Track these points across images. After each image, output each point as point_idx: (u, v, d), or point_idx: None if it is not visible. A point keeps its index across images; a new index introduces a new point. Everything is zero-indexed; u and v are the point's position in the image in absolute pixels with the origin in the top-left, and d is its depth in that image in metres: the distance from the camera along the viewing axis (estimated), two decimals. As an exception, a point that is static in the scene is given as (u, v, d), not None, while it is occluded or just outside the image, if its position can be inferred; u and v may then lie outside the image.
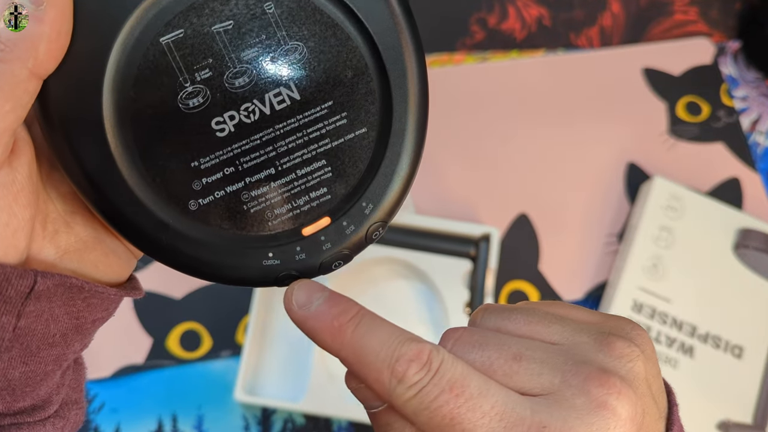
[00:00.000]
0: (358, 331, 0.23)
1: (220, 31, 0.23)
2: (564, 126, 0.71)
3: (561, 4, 0.76)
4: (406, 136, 0.24)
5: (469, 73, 0.72)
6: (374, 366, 0.22)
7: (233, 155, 0.24)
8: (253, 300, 0.60)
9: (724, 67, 0.74)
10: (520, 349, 0.23)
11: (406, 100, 0.24)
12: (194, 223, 0.24)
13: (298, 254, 0.25)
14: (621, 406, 0.21)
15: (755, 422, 0.60)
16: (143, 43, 0.22)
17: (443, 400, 0.21)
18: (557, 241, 0.67)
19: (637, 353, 0.23)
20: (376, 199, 0.25)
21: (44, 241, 0.24)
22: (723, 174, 0.70)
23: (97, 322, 0.26)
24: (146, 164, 0.23)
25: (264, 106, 0.23)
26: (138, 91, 0.22)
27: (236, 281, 0.25)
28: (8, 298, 0.21)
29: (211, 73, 0.23)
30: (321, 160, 0.24)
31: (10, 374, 0.23)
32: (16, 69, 0.20)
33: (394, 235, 0.62)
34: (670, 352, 0.61)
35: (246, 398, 0.57)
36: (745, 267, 0.63)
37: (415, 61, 0.24)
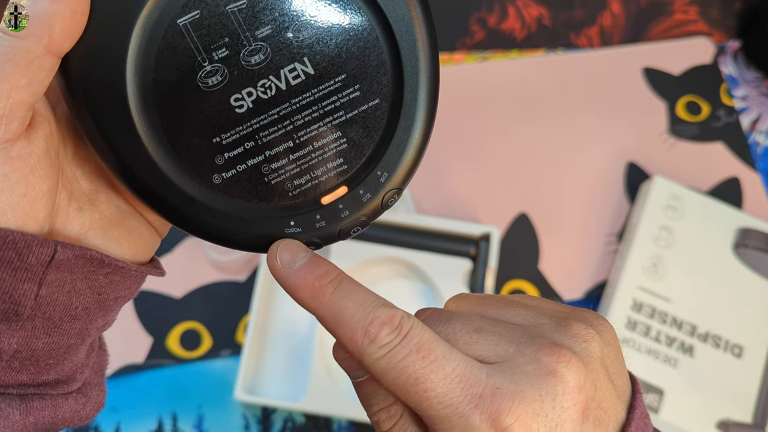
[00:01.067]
0: (337, 293, 0.24)
1: (234, 11, 0.23)
2: (564, 125, 0.71)
3: (561, 4, 0.76)
4: (418, 105, 0.25)
5: (469, 72, 0.72)
6: (349, 326, 0.23)
7: (252, 130, 0.25)
8: (253, 300, 0.60)
9: (724, 67, 0.74)
10: (482, 323, 0.25)
11: (417, 71, 0.25)
12: (219, 195, 0.25)
13: (318, 222, 0.26)
14: (569, 374, 0.23)
15: (755, 421, 0.60)
16: (162, 25, 0.23)
17: (410, 360, 0.23)
18: (557, 241, 0.67)
19: (593, 334, 0.24)
20: (390, 167, 0.26)
21: (69, 218, 0.25)
22: (723, 174, 0.70)
23: (119, 300, 0.27)
24: (171, 142, 0.24)
25: (280, 81, 0.24)
26: (159, 72, 0.23)
27: (261, 249, 0.26)
28: (30, 265, 0.22)
29: (228, 52, 0.24)
30: (337, 132, 0.25)
31: (33, 344, 0.24)
32: (31, 45, 0.21)
33: (394, 235, 0.63)
34: (670, 351, 0.61)
35: (246, 398, 0.57)
36: (745, 266, 0.63)
37: (425, 32, 0.25)
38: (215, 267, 0.64)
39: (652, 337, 0.61)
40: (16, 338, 0.23)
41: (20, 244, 0.22)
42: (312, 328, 0.61)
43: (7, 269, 0.22)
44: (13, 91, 0.21)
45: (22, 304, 0.23)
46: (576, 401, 0.23)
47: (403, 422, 0.24)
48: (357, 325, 0.23)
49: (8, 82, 0.21)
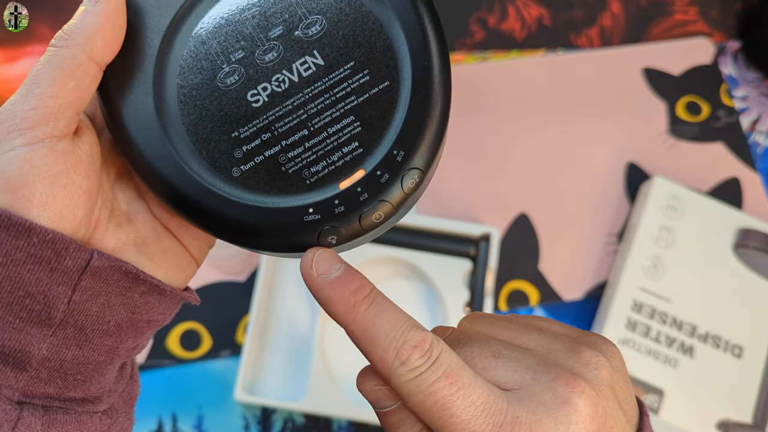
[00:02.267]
0: (371, 310, 0.25)
1: (248, 17, 0.26)
2: (564, 126, 0.71)
3: (561, 4, 0.76)
4: (431, 82, 0.26)
5: (469, 72, 0.72)
6: (381, 345, 0.24)
7: (269, 122, 0.26)
8: (253, 300, 0.60)
9: (724, 67, 0.74)
10: (499, 349, 0.26)
11: (424, 50, 0.26)
12: (239, 188, 0.26)
13: (337, 207, 0.26)
14: (583, 404, 0.24)
15: (755, 422, 0.60)
16: (185, 36, 0.26)
17: (438, 386, 0.23)
18: (557, 241, 0.67)
19: (603, 362, 0.25)
20: (407, 146, 0.26)
21: (107, 231, 0.27)
22: (723, 174, 0.70)
23: (152, 324, 0.28)
24: (192, 139, 0.26)
25: (292, 74, 0.26)
26: (183, 77, 0.26)
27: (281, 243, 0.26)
28: (66, 268, 0.23)
29: (244, 54, 0.26)
30: (349, 116, 0.26)
31: (63, 354, 0.24)
32: (77, 53, 0.24)
33: (394, 235, 0.62)
34: (670, 351, 0.61)
35: (246, 398, 0.57)
36: (745, 267, 0.63)
37: (427, 13, 0.26)
38: (215, 267, 0.64)
39: (652, 338, 0.61)
40: (47, 344, 0.24)
41: (59, 245, 0.23)
42: (312, 329, 0.61)
43: (44, 269, 0.23)
44: (61, 93, 0.24)
45: (55, 306, 0.23)
46: (588, 429, 0.24)
47: None
48: (389, 346, 0.24)
49: (57, 85, 0.24)
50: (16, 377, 0.24)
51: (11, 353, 0.23)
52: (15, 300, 0.23)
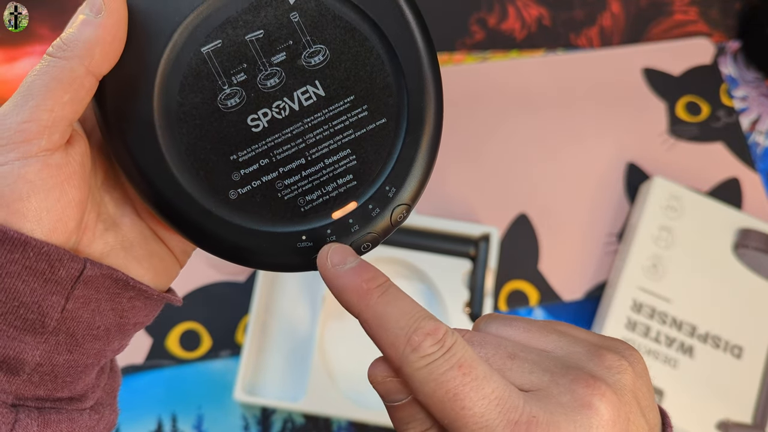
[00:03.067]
0: (384, 298, 0.25)
1: (252, 40, 0.26)
2: (564, 126, 0.71)
3: (561, 4, 0.76)
4: (424, 123, 0.27)
5: (469, 73, 0.72)
6: (392, 332, 0.24)
7: (267, 148, 0.26)
8: (253, 300, 0.60)
9: (723, 67, 0.74)
10: (515, 350, 0.25)
11: (421, 90, 0.27)
12: (234, 210, 0.27)
13: (329, 236, 0.27)
14: (604, 408, 0.23)
15: (755, 422, 0.60)
16: (187, 53, 0.25)
17: (451, 375, 0.22)
18: (557, 241, 0.67)
19: (626, 366, 0.24)
20: (398, 183, 0.27)
21: (95, 236, 0.27)
22: (723, 174, 0.70)
23: (137, 326, 0.28)
24: (191, 158, 0.26)
25: (293, 102, 0.26)
26: (183, 94, 0.26)
27: (273, 266, 0.28)
28: (59, 278, 0.24)
29: (246, 77, 0.26)
30: (346, 149, 0.27)
31: (54, 359, 0.25)
32: (75, 65, 0.24)
33: (394, 235, 0.62)
34: (669, 351, 0.61)
35: (246, 398, 0.57)
36: (745, 267, 0.63)
37: (426, 53, 0.27)
38: (215, 267, 0.64)
39: (651, 338, 0.61)
40: (40, 351, 0.24)
41: (53, 256, 0.23)
42: (312, 329, 0.61)
43: (38, 280, 0.23)
44: (57, 106, 0.23)
45: (49, 315, 0.24)
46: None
47: None
48: (400, 332, 0.24)
49: (53, 98, 0.23)
50: (9, 382, 0.25)
51: (5, 360, 0.24)
52: (10, 310, 0.23)
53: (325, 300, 0.60)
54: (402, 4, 0.26)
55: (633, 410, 0.24)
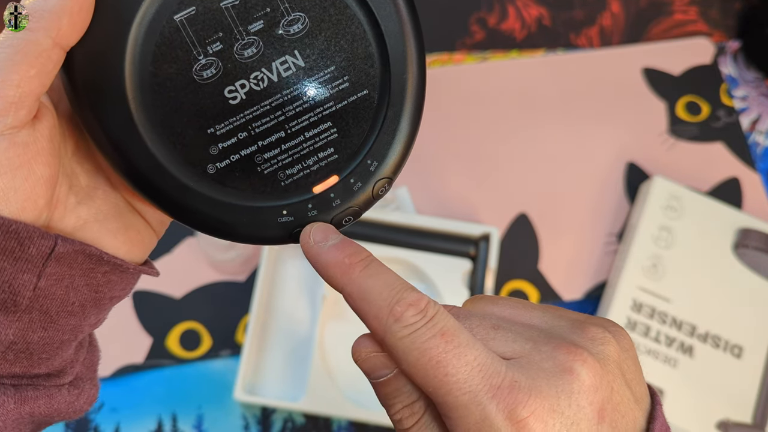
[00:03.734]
0: (366, 271, 0.25)
1: (228, 7, 0.24)
2: (564, 126, 0.71)
3: (561, 4, 0.76)
4: (406, 95, 0.26)
5: (469, 73, 0.72)
6: (375, 303, 0.24)
7: (246, 121, 0.26)
8: (253, 300, 0.60)
9: (723, 67, 0.74)
10: (499, 322, 0.25)
11: (404, 62, 0.26)
12: (213, 185, 0.26)
13: (310, 211, 0.26)
14: (585, 373, 0.23)
15: (755, 422, 0.60)
16: (159, 21, 0.24)
17: (433, 343, 0.23)
18: (557, 241, 0.67)
19: (610, 338, 0.25)
20: (380, 156, 0.26)
21: (66, 210, 0.26)
22: (723, 174, 0.70)
23: (114, 300, 0.28)
24: (167, 132, 0.25)
25: (272, 73, 0.25)
26: (156, 65, 0.24)
27: (254, 239, 0.27)
28: (30, 256, 0.23)
29: (222, 46, 0.25)
30: (327, 121, 0.26)
31: (29, 336, 0.25)
32: (41, 38, 0.22)
33: (394, 235, 0.62)
34: (669, 351, 0.61)
35: (246, 398, 0.57)
36: (745, 267, 0.63)
37: (410, 25, 0.26)
38: (214, 267, 0.64)
39: (651, 338, 0.61)
40: (13, 329, 0.24)
41: (23, 234, 0.23)
42: (312, 328, 0.61)
43: (8, 259, 0.23)
44: (23, 81, 0.22)
45: (20, 294, 0.23)
46: (591, 400, 0.23)
47: (426, 419, 0.24)
48: (383, 303, 0.24)
49: (18, 72, 0.22)
50: None
51: None
52: None
53: (325, 300, 0.60)
54: None
55: (617, 380, 0.24)
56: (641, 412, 0.25)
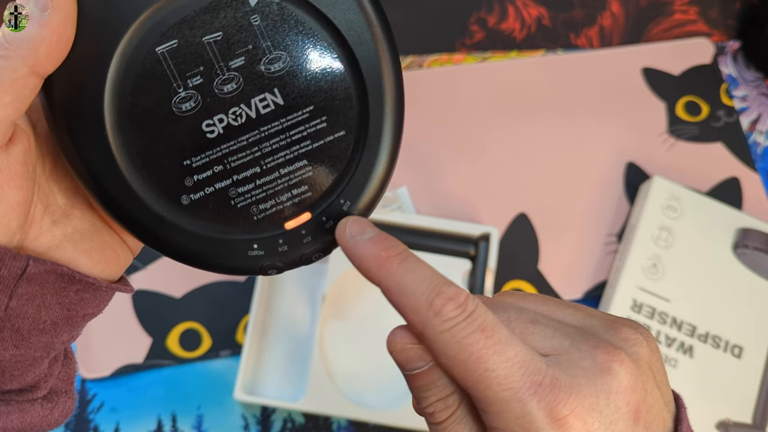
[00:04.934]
0: (404, 265, 0.24)
1: (210, 42, 0.25)
2: (563, 126, 0.71)
3: (561, 4, 0.76)
4: (383, 138, 0.26)
5: (469, 73, 0.72)
6: (414, 297, 0.24)
7: (222, 155, 0.26)
8: (253, 300, 0.60)
9: (723, 67, 0.74)
10: (536, 316, 0.25)
11: (382, 105, 0.26)
12: (186, 216, 0.26)
13: (281, 246, 0.27)
14: (624, 373, 0.23)
15: (755, 422, 0.60)
16: (141, 52, 0.24)
17: (474, 339, 0.23)
18: (557, 241, 0.67)
19: (641, 340, 0.25)
20: (353, 196, 0.27)
21: (42, 229, 0.26)
22: (722, 174, 0.70)
23: (87, 317, 0.27)
24: (143, 162, 0.25)
25: (250, 110, 0.25)
26: (136, 95, 0.25)
27: (224, 270, 0.28)
28: (2, 277, 0.23)
29: (202, 80, 0.25)
30: (302, 160, 0.26)
31: (1, 355, 0.24)
32: (17, 66, 0.22)
33: (394, 235, 0.62)
34: (669, 351, 0.61)
35: (246, 398, 0.57)
36: (745, 267, 0.63)
37: (390, 69, 0.26)
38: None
39: (651, 338, 0.61)
40: None
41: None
42: (312, 329, 0.61)
43: None
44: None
45: None
46: (629, 401, 0.23)
47: (459, 413, 0.24)
48: (422, 297, 0.24)
49: None
50: None
51: None
52: None
53: (325, 300, 0.60)
54: (369, 13, 0.26)
55: (649, 382, 0.24)
56: (669, 414, 0.25)
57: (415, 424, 0.57)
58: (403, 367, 0.25)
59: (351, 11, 0.25)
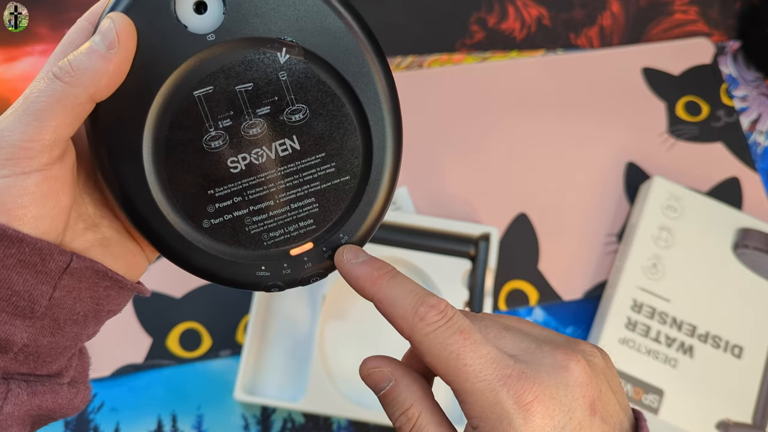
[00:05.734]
0: (392, 281, 0.29)
1: (242, 90, 0.28)
2: (564, 126, 0.71)
3: (561, 4, 0.76)
4: (381, 185, 0.31)
5: (469, 73, 0.72)
6: (402, 307, 0.28)
7: (242, 188, 0.30)
8: (253, 300, 0.60)
9: (723, 67, 0.74)
10: (508, 326, 0.30)
11: (383, 158, 0.30)
12: (206, 237, 0.30)
13: (285, 269, 0.31)
14: (579, 371, 0.27)
15: (755, 422, 0.60)
16: (181, 93, 0.28)
17: (454, 339, 0.27)
18: (557, 241, 0.67)
19: (597, 353, 0.29)
20: (351, 231, 0.31)
21: (75, 234, 0.29)
22: (722, 174, 0.70)
23: (111, 313, 0.31)
24: (173, 188, 0.29)
25: (270, 152, 0.29)
26: (172, 130, 0.28)
27: (233, 285, 0.31)
28: (49, 270, 0.27)
29: (231, 123, 0.29)
30: (311, 197, 0.30)
31: (39, 341, 0.28)
32: (79, 93, 0.26)
33: (394, 235, 0.62)
34: (669, 351, 0.61)
35: (246, 398, 0.57)
36: (745, 267, 0.63)
37: (393, 129, 0.30)
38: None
39: (651, 338, 0.61)
40: (27, 334, 0.27)
41: (45, 251, 0.26)
42: (312, 329, 0.61)
43: (31, 272, 0.26)
44: (59, 128, 0.26)
45: (38, 303, 0.27)
46: (584, 394, 0.27)
47: (421, 421, 0.28)
48: (409, 306, 0.28)
49: (56, 120, 0.26)
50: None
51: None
52: (3, 297, 0.26)
53: (325, 300, 0.60)
54: (381, 83, 0.29)
55: (603, 385, 0.28)
56: (627, 419, 0.29)
57: (415, 424, 0.57)
58: (373, 389, 0.30)
59: (368, 80, 0.29)
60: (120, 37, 0.26)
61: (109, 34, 0.26)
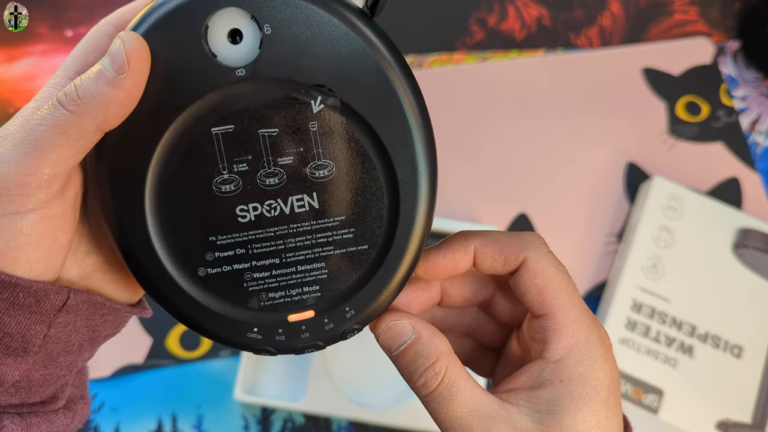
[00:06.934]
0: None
1: (265, 135, 0.25)
2: (564, 126, 0.71)
3: (561, 4, 0.76)
4: (402, 261, 0.27)
5: (469, 73, 0.72)
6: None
7: (247, 240, 0.26)
8: (253, 300, 0.60)
9: (723, 67, 0.74)
10: None
11: (409, 234, 0.27)
12: (198, 287, 0.27)
13: (279, 335, 0.28)
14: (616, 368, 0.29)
15: (754, 422, 0.60)
16: (197, 128, 0.25)
17: (567, 278, 0.30)
18: (557, 241, 0.67)
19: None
20: (360, 307, 0.27)
21: (76, 259, 0.27)
22: (722, 174, 0.70)
23: (107, 337, 0.29)
24: (171, 228, 0.26)
25: (285, 206, 0.26)
26: (181, 166, 0.25)
27: (219, 341, 0.28)
28: (44, 310, 0.25)
29: (248, 168, 0.25)
30: (321, 262, 0.27)
31: (32, 376, 0.26)
32: (85, 123, 0.23)
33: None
34: (669, 351, 0.61)
35: (246, 398, 0.57)
36: (745, 267, 0.63)
37: (426, 201, 0.26)
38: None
39: (651, 338, 0.61)
40: (19, 371, 0.26)
41: (40, 293, 0.24)
42: (312, 329, 0.61)
43: (24, 313, 0.24)
44: (60, 161, 0.23)
45: (31, 342, 0.25)
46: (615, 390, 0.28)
47: (449, 377, 0.26)
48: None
49: (57, 152, 0.23)
50: None
51: None
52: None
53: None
54: (422, 155, 0.26)
55: None
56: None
57: (414, 424, 0.57)
58: (389, 348, 0.27)
59: (408, 150, 0.26)
60: (130, 60, 0.23)
61: (118, 57, 0.23)
